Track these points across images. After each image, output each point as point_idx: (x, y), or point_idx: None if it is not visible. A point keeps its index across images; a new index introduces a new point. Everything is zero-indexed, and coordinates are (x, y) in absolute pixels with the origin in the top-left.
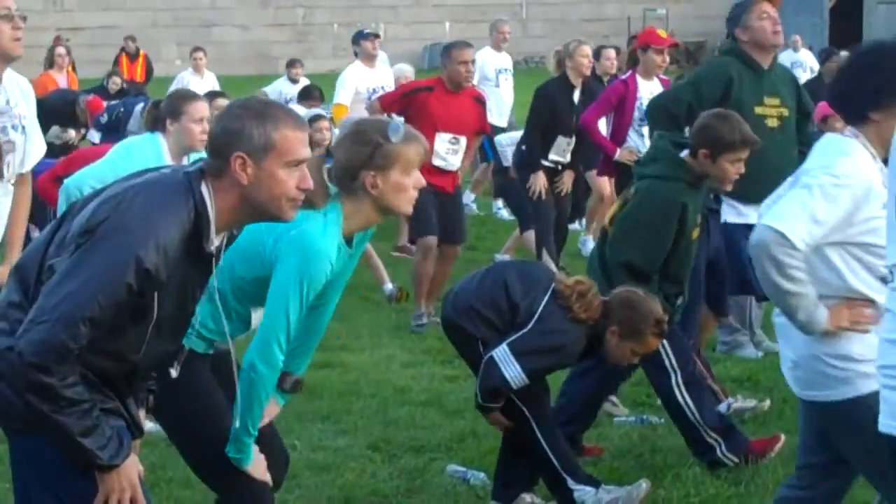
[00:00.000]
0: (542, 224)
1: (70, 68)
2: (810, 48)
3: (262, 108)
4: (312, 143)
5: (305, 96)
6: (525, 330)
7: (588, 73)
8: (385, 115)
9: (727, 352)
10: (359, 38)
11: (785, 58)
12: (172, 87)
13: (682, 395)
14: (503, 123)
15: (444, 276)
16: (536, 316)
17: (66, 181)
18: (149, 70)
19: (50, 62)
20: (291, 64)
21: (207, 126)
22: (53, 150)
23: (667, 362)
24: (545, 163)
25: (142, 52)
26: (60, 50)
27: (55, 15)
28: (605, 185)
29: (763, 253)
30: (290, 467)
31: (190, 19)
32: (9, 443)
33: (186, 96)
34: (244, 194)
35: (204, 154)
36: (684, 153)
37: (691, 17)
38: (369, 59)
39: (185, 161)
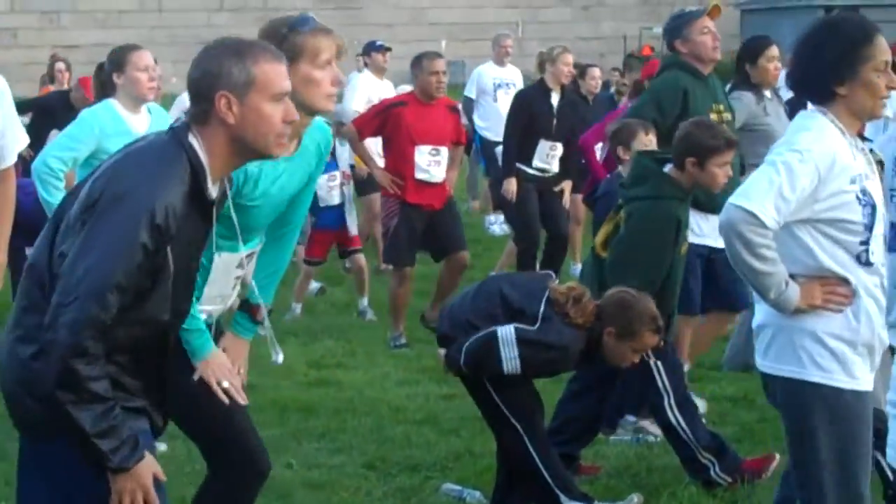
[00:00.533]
0: (526, 240)
1: (69, 83)
2: None
3: (238, 45)
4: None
5: None
6: (533, 327)
7: (566, 81)
8: (361, 138)
9: None
10: (370, 49)
11: (781, 76)
12: (174, 108)
13: (675, 416)
14: (501, 137)
15: (453, 286)
16: (540, 318)
17: (33, 163)
18: None
19: (50, 77)
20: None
21: (154, 74)
22: None
23: (659, 383)
24: (530, 171)
25: None
26: (60, 65)
27: (51, 32)
28: (582, 209)
29: (732, 232)
30: (285, 485)
31: (186, 37)
32: (24, 449)
33: (127, 48)
34: (232, 135)
35: (156, 105)
36: (668, 168)
37: None
38: (379, 71)
39: (143, 116)
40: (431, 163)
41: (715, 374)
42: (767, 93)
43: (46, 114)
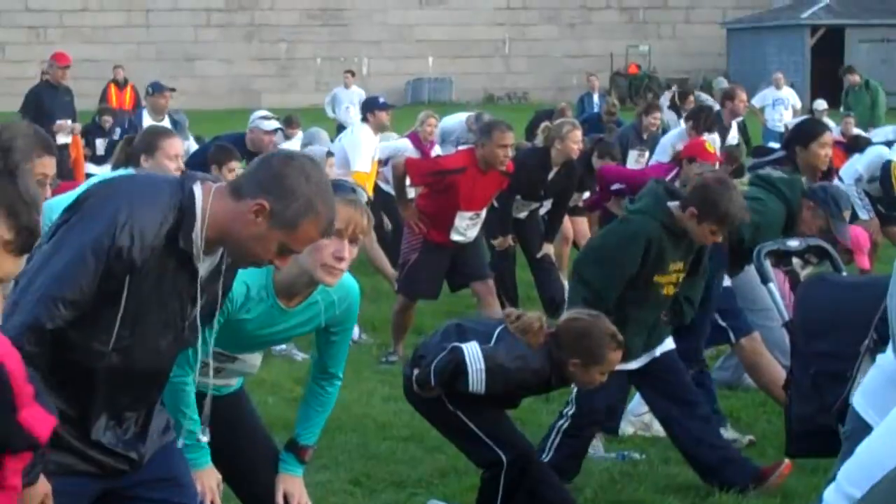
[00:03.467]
0: (504, 267)
1: None
2: (792, 85)
3: (324, 191)
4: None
5: (287, 124)
6: (490, 344)
7: (575, 157)
8: (408, 181)
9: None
10: (373, 106)
11: (767, 95)
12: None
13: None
14: None
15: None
16: (495, 338)
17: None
18: (137, 99)
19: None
20: (289, 122)
21: (181, 163)
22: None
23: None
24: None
25: (129, 82)
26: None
27: (38, 47)
28: (569, 228)
29: None
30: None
31: (173, 53)
32: None
33: (161, 132)
34: (235, 226)
35: None
36: (674, 204)
37: (674, 55)
38: (380, 129)
39: None
40: (469, 226)
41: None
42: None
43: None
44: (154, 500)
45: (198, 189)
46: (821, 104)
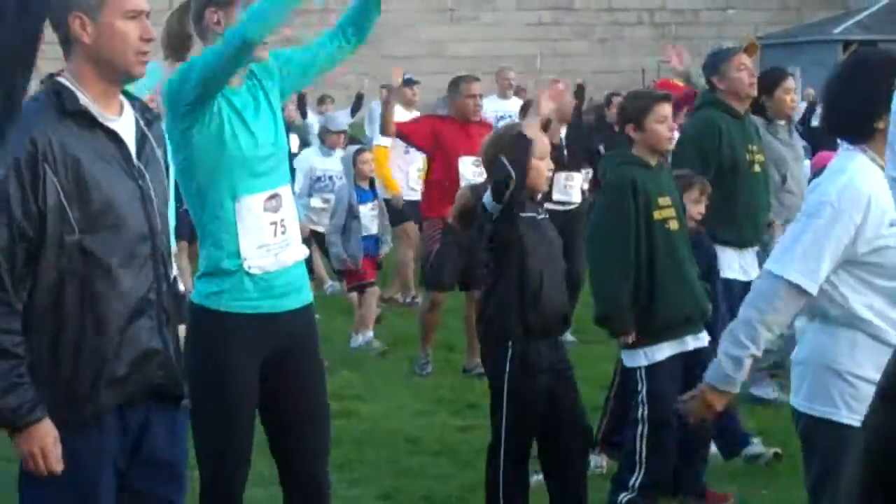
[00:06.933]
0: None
1: None
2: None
3: None
4: (359, 175)
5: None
6: None
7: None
8: (408, 140)
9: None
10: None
11: (799, 110)
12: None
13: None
14: None
15: None
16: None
17: None
18: None
19: None
20: (325, 133)
21: None
22: None
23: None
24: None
25: None
26: None
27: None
28: None
29: (763, 301)
30: None
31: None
32: None
33: None
34: (91, 55)
35: None
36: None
37: None
38: (408, 104)
39: None
40: (476, 174)
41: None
42: (781, 122)
43: None
44: (142, 493)
45: (63, 76)
46: None
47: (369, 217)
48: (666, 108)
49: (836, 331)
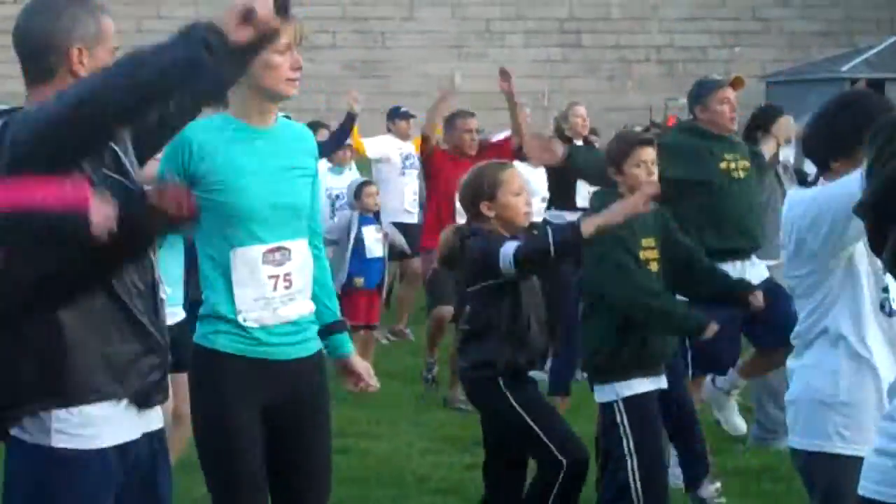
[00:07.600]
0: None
1: None
2: None
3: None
4: (363, 209)
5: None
6: None
7: (585, 132)
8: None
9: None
10: (395, 115)
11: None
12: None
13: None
14: None
15: None
16: None
17: None
18: None
19: None
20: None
21: None
22: None
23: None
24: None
25: None
26: None
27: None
28: None
29: None
30: None
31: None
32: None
33: None
34: None
35: None
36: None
37: None
38: (403, 137)
39: None
40: None
41: (739, 445)
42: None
43: None
44: None
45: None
46: None
47: (373, 240)
48: (647, 153)
49: (819, 362)
